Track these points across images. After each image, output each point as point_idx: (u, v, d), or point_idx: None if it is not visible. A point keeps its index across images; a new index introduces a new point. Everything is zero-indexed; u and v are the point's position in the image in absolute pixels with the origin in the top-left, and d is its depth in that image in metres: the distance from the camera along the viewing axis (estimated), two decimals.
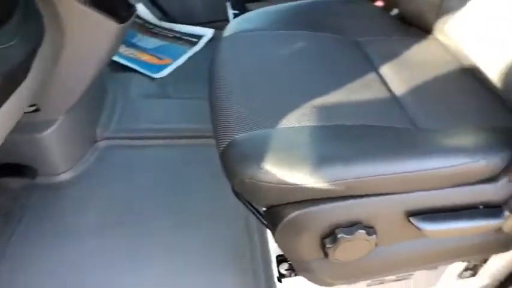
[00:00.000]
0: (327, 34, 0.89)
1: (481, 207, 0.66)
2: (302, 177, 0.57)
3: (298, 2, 1.00)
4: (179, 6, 1.77)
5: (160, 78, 1.46)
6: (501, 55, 0.73)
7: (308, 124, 0.65)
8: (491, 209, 0.66)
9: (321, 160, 0.59)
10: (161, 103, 1.39)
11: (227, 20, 1.65)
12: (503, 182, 0.63)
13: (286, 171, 0.57)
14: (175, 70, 1.50)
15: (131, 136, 1.27)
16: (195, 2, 1.75)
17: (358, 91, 0.74)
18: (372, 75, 0.78)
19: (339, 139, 0.63)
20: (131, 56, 1.54)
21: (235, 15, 1.60)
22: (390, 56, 0.84)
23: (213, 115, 0.73)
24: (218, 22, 1.69)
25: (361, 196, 0.61)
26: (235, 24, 0.93)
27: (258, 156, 0.59)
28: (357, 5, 1.03)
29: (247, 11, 1.48)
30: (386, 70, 0.81)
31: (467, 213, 0.65)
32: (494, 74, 0.74)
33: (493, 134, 0.66)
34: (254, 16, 0.96)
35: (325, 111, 0.68)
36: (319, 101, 0.70)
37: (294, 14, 0.96)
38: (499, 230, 0.67)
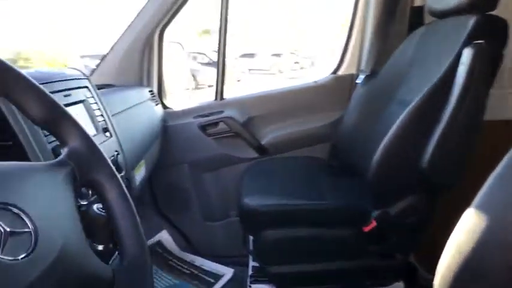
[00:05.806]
0: None
1: None
2: None
3: None
4: (202, 237, 1.73)
5: None
6: None
7: None
8: None
9: None
10: None
11: (247, 256, 1.51)
12: None
13: None
14: None
15: None
16: (216, 233, 1.70)
17: None
18: None
19: None
20: None
21: (255, 269, 1.41)
22: None
23: None
24: (238, 257, 1.58)
25: None
26: None
27: None
28: None
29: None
30: None
31: None
32: None
33: None
34: None
35: None
36: None
37: None
38: None
